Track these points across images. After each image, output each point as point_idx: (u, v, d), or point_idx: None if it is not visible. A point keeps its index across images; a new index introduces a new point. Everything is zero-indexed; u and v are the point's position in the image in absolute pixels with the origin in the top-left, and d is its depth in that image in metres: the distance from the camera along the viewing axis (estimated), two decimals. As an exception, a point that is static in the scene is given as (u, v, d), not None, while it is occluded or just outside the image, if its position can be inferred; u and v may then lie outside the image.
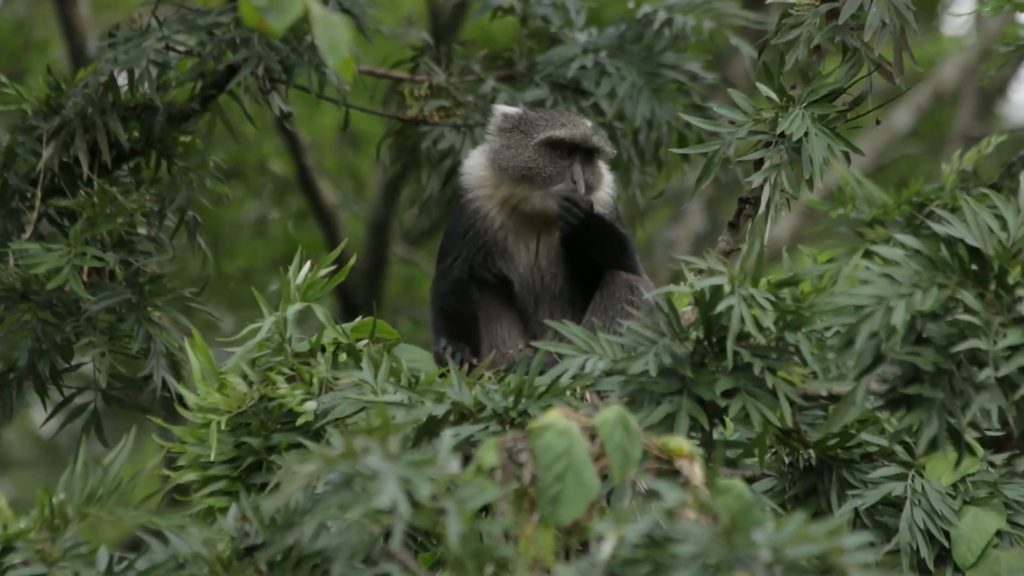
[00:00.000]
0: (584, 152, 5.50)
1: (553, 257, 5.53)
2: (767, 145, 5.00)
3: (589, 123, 5.56)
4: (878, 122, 5.19)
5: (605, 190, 5.58)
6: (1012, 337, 4.00)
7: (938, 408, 4.03)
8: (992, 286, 4.08)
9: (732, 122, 5.05)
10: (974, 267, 4.10)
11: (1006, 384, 4.01)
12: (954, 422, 4.03)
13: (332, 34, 3.72)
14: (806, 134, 4.97)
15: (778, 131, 4.98)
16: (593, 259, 5.48)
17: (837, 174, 5.15)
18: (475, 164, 5.59)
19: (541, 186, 5.47)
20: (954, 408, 4.03)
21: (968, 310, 4.03)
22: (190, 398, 4.58)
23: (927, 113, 12.58)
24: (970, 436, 4.06)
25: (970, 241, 4.08)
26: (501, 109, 5.60)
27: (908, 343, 4.04)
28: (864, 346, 4.02)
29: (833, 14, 5.05)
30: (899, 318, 3.99)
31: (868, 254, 5.84)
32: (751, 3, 10.31)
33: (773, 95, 5.03)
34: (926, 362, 4.03)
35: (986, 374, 3.99)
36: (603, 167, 5.59)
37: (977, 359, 4.04)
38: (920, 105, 12.27)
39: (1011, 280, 4.07)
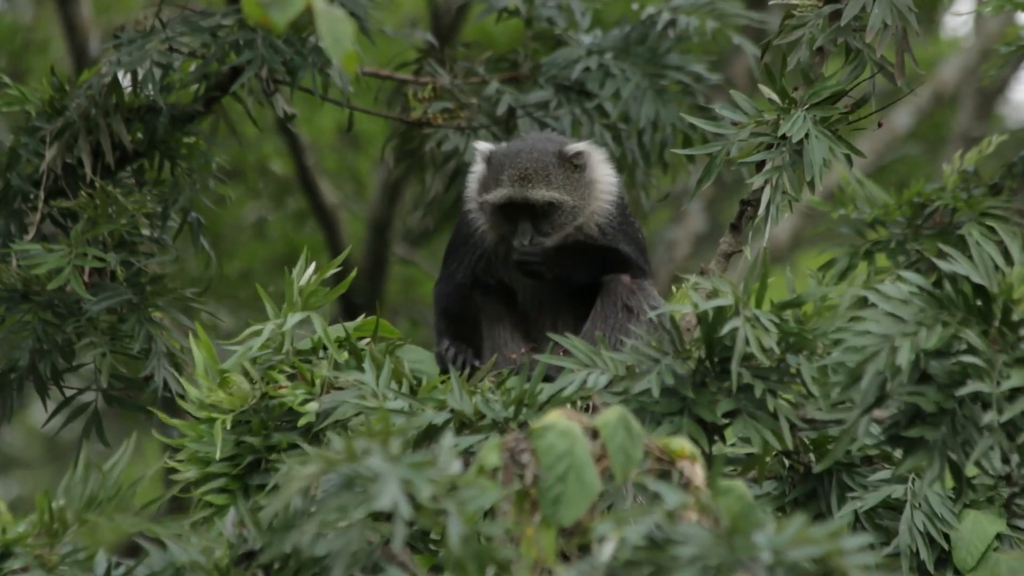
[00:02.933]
0: (525, 209, 5.41)
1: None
2: (769, 147, 5.00)
3: (538, 172, 5.40)
4: (880, 124, 5.19)
5: (602, 200, 5.52)
6: (1015, 379, 3.99)
7: (939, 448, 4.04)
8: (996, 323, 4.07)
9: (735, 123, 5.05)
10: (979, 303, 4.09)
11: (1010, 427, 4.01)
12: (955, 458, 4.03)
13: (336, 29, 3.72)
14: (807, 136, 4.97)
15: (780, 133, 4.98)
16: (575, 281, 5.46)
17: (838, 174, 5.16)
18: (473, 183, 5.55)
19: (505, 236, 5.46)
20: (955, 448, 4.03)
21: (971, 349, 4.03)
22: (191, 391, 4.58)
23: (927, 114, 12.58)
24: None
25: (975, 278, 4.07)
26: (479, 147, 5.51)
27: (911, 381, 4.04)
28: (869, 385, 4.02)
29: (836, 15, 5.06)
30: (904, 358, 3.98)
31: (869, 255, 5.85)
32: (753, 3, 10.32)
33: (775, 97, 5.04)
34: (928, 402, 4.02)
35: (990, 418, 3.99)
36: (595, 172, 5.52)
37: (980, 398, 4.04)
38: (920, 106, 12.27)
39: (1016, 317, 4.06)
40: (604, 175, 5.54)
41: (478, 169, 5.52)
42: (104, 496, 3.89)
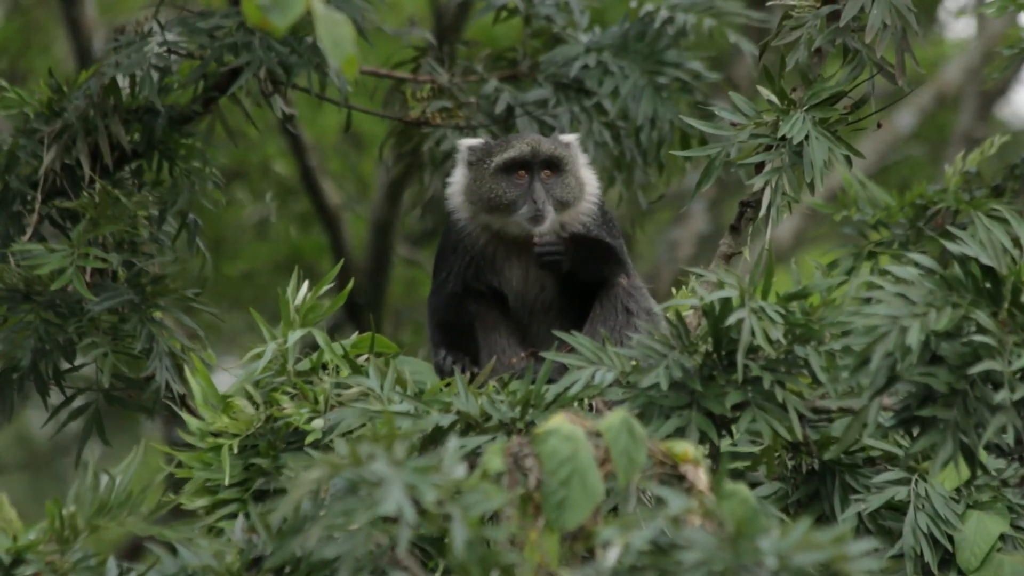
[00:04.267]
0: (541, 166, 5.46)
1: (543, 272, 5.52)
2: (768, 148, 5.00)
3: (546, 138, 5.53)
4: (879, 125, 5.19)
5: (587, 198, 5.56)
6: (1027, 357, 4.01)
7: (952, 429, 4.04)
8: (1006, 305, 4.07)
9: (734, 124, 5.05)
10: (988, 285, 4.10)
11: (1021, 406, 4.01)
12: (967, 441, 4.03)
13: (336, 31, 3.72)
14: (807, 137, 4.97)
15: (779, 135, 4.98)
16: (580, 278, 5.47)
17: (841, 175, 5.16)
18: (455, 189, 5.58)
19: (509, 213, 5.45)
20: (968, 428, 4.03)
21: (982, 330, 4.03)
22: (192, 423, 4.58)
23: (930, 115, 12.57)
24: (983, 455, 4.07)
25: (984, 260, 4.08)
26: (465, 143, 5.58)
27: (922, 363, 4.04)
28: (879, 366, 4.02)
29: (834, 16, 5.05)
30: (914, 338, 4.00)
31: (872, 256, 5.86)
32: (754, 3, 10.31)
33: (774, 98, 5.03)
34: (940, 383, 4.03)
35: (1002, 396, 3.99)
36: (581, 175, 5.55)
37: (991, 379, 4.05)
38: (923, 107, 12.26)
39: (1025, 298, 4.08)
40: (589, 176, 5.58)
41: (464, 164, 5.55)
42: (114, 502, 3.90)
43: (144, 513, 3.93)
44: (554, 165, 5.47)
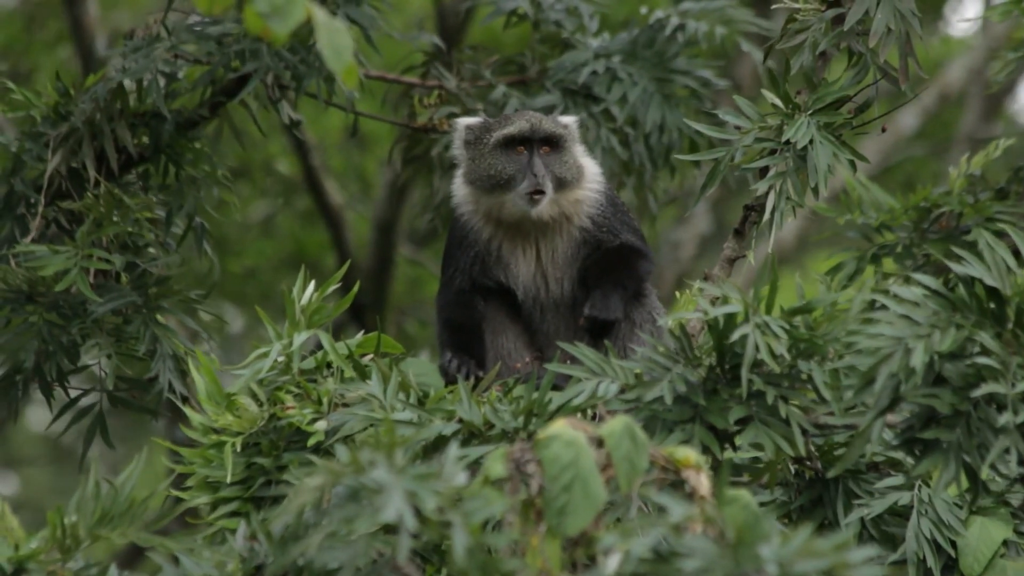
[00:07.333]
0: (540, 143, 5.47)
1: (560, 263, 5.51)
2: (772, 152, 5.00)
3: (545, 116, 5.54)
4: (884, 130, 5.18)
5: (590, 186, 5.55)
6: (1030, 380, 4.01)
7: (954, 451, 4.04)
8: (1010, 325, 4.06)
9: (738, 128, 5.04)
10: (992, 306, 4.09)
11: (1025, 428, 4.02)
12: (970, 460, 4.03)
13: (336, 40, 3.73)
14: (811, 141, 4.96)
15: (783, 139, 4.98)
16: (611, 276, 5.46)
17: (844, 178, 5.15)
18: (459, 181, 5.59)
19: (508, 189, 5.45)
20: (970, 449, 4.03)
21: (985, 351, 4.02)
22: (195, 419, 4.57)
23: (933, 115, 12.56)
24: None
25: (988, 281, 4.07)
26: (462, 122, 5.59)
27: (926, 384, 4.04)
28: (883, 387, 4.01)
29: (839, 19, 5.05)
30: (918, 360, 3.99)
31: (876, 259, 5.85)
32: (761, 10, 10.31)
33: (778, 102, 5.03)
34: (943, 404, 4.03)
35: (1005, 419, 3.98)
36: (582, 159, 5.56)
37: (995, 400, 4.04)
38: (926, 107, 12.25)
39: (1029, 319, 4.07)
40: (589, 163, 5.58)
41: (462, 144, 5.55)
42: (116, 511, 3.90)
43: (147, 522, 3.92)
44: (553, 142, 5.48)
